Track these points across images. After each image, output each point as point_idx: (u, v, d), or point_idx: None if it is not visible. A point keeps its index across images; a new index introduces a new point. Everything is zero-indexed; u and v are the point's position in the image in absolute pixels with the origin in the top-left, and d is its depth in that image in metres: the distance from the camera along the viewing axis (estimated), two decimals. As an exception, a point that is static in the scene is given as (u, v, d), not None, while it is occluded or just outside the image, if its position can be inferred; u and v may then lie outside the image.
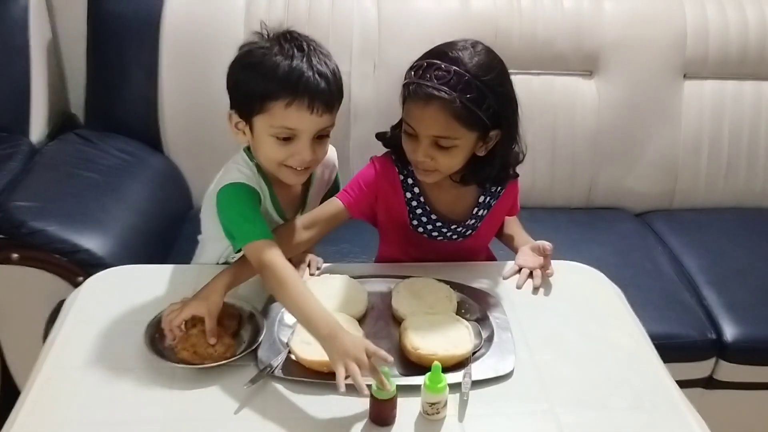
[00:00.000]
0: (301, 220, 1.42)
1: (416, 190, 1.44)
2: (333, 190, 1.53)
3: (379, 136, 1.47)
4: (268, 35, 1.30)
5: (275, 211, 1.40)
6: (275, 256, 1.24)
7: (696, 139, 2.20)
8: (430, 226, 1.46)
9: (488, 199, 1.46)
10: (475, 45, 1.32)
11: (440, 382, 1.08)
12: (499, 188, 1.47)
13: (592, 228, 2.10)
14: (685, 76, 2.19)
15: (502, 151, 1.37)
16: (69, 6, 2.20)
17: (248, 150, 1.37)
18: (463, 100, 1.26)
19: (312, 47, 1.28)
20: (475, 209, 1.46)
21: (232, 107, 1.33)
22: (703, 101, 2.20)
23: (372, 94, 2.08)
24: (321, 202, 1.50)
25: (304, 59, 1.25)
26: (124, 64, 2.07)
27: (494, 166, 1.38)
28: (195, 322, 1.21)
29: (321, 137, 1.30)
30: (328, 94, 1.25)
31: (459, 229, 1.47)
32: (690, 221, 2.17)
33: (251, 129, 1.30)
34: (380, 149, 1.50)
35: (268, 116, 1.26)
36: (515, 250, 1.52)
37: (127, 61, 2.07)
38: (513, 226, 1.60)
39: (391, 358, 1.10)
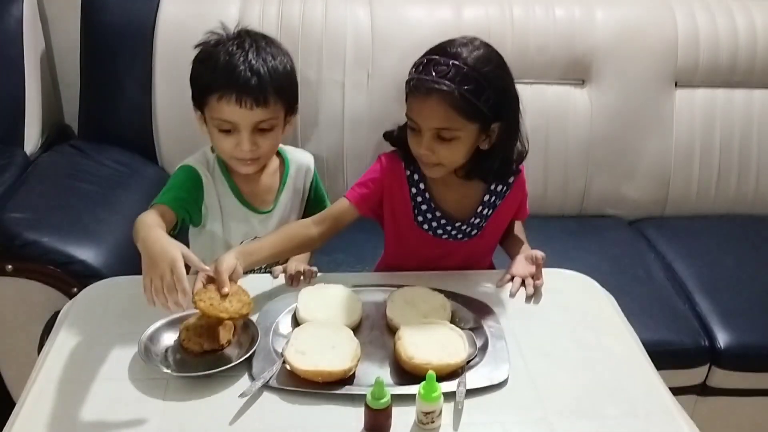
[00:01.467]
0: (311, 218, 1.46)
1: (422, 186, 1.46)
2: (316, 196, 1.58)
3: (387, 135, 1.49)
4: (226, 34, 1.40)
5: (241, 203, 1.48)
6: (148, 213, 1.33)
7: (688, 148, 2.21)
8: (434, 224, 1.47)
9: (494, 198, 1.48)
10: (474, 41, 1.36)
11: (435, 391, 1.08)
12: (505, 188, 1.48)
13: (585, 236, 2.11)
14: (676, 84, 2.20)
15: (502, 145, 1.39)
16: (63, 17, 2.21)
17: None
18: (462, 91, 1.29)
19: (258, 46, 1.36)
20: (480, 208, 1.47)
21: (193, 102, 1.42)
22: (695, 109, 2.21)
23: (365, 103, 2.09)
24: (306, 208, 1.56)
25: (241, 56, 1.34)
26: (118, 75, 2.08)
27: (495, 159, 1.40)
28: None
29: (263, 130, 1.38)
30: (257, 89, 1.33)
31: (464, 228, 1.48)
32: (682, 229, 2.18)
33: (205, 122, 1.40)
34: (373, 158, 1.51)
35: (208, 109, 1.37)
36: (512, 258, 1.53)
37: (121, 72, 2.07)
38: (517, 232, 1.60)
39: (188, 291, 1.14)
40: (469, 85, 1.30)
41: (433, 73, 1.30)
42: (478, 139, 1.37)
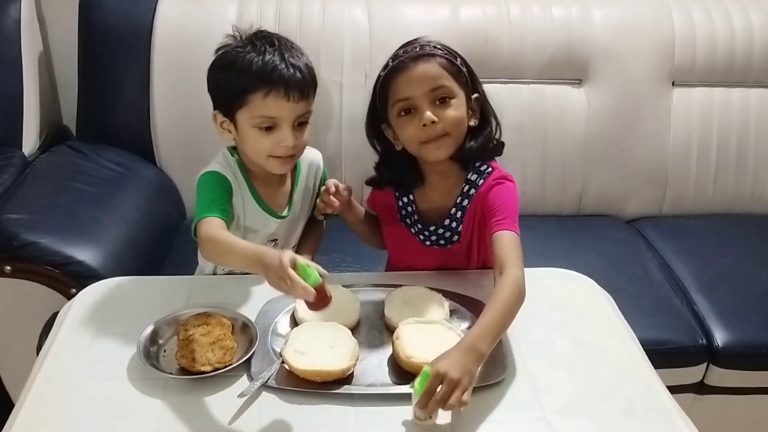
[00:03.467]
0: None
1: (410, 197, 1.49)
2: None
3: (370, 182, 1.54)
4: (240, 37, 1.40)
5: (261, 207, 1.46)
6: (218, 230, 1.30)
7: (685, 146, 2.21)
8: (417, 227, 1.49)
9: (465, 201, 1.45)
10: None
11: None
12: (473, 191, 1.44)
13: (582, 235, 2.11)
14: (673, 83, 2.21)
15: (485, 119, 1.44)
16: (60, 18, 2.21)
17: (231, 149, 1.47)
18: (442, 55, 1.37)
19: (283, 42, 1.38)
20: (453, 209, 1.46)
21: (215, 108, 1.42)
22: (692, 108, 2.21)
23: (364, 103, 2.03)
24: (313, 203, 1.56)
25: (276, 53, 1.35)
26: (116, 76, 2.08)
27: (488, 136, 1.43)
28: (195, 326, 1.23)
29: (301, 124, 1.39)
30: (302, 82, 1.35)
31: (441, 232, 1.48)
32: (680, 227, 2.19)
33: (235, 125, 1.39)
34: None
35: (248, 109, 1.35)
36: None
37: (119, 72, 2.08)
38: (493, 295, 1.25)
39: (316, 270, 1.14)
40: (444, 52, 1.38)
41: (409, 52, 1.37)
42: (467, 112, 1.40)
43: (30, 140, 2.09)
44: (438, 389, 1.06)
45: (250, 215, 1.45)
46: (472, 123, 1.41)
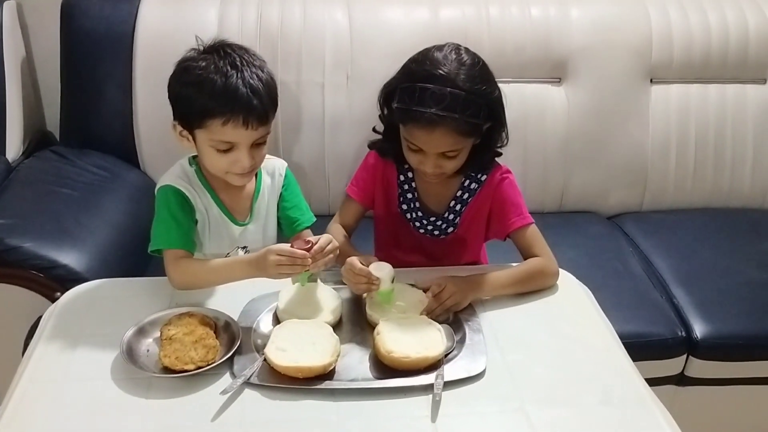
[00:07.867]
0: (338, 226, 1.55)
1: (410, 174, 1.53)
2: (288, 201, 1.58)
3: (374, 146, 1.55)
4: (203, 49, 1.38)
5: (223, 213, 1.50)
6: (192, 263, 1.41)
7: (664, 142, 2.24)
8: (416, 214, 1.53)
9: (467, 195, 1.51)
10: (452, 54, 1.38)
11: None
12: (476, 186, 1.50)
13: (564, 231, 2.12)
14: (651, 80, 2.23)
15: (492, 137, 1.47)
16: (42, 24, 2.21)
17: (191, 158, 1.49)
18: (466, 118, 1.34)
19: (245, 60, 1.36)
20: (452, 202, 1.51)
21: (174, 118, 1.41)
22: (670, 105, 2.24)
23: (345, 105, 2.10)
24: (278, 204, 1.57)
25: (238, 75, 1.33)
26: (99, 81, 2.08)
27: (488, 151, 1.49)
28: (178, 325, 1.24)
29: (258, 144, 1.40)
30: (261, 109, 1.35)
31: (438, 223, 1.51)
32: (660, 222, 2.21)
33: (194, 138, 1.40)
34: (354, 161, 1.54)
35: (207, 131, 1.36)
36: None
37: (102, 77, 2.08)
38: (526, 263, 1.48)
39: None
40: (470, 109, 1.34)
41: (432, 104, 1.32)
42: (474, 141, 1.43)
43: (13, 146, 2.08)
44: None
45: (214, 221, 1.49)
46: (475, 143, 1.44)
